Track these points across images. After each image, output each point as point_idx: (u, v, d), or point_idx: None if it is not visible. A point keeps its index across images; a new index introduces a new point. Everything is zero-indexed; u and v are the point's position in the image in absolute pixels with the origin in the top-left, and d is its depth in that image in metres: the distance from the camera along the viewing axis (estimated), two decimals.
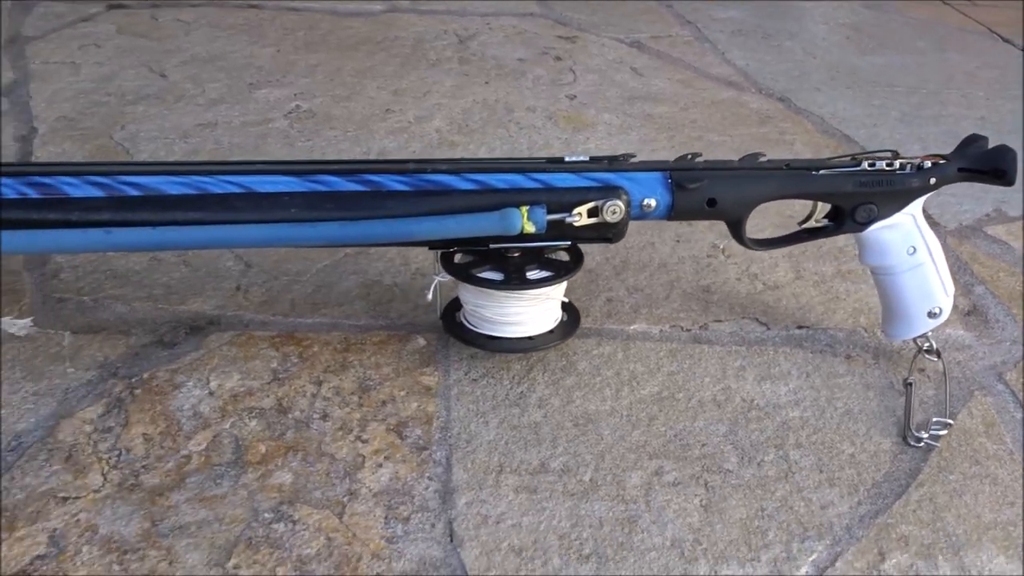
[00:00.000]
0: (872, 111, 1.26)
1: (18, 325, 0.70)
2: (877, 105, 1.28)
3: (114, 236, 0.60)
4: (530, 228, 0.62)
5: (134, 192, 0.62)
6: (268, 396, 0.65)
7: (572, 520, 0.57)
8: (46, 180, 0.62)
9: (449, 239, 0.64)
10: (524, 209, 0.62)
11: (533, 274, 0.66)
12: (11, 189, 0.62)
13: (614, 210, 0.63)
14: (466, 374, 0.68)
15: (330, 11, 1.50)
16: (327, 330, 0.72)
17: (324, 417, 0.63)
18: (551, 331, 0.69)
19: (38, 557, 0.51)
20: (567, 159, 0.66)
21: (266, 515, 0.55)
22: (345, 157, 1.00)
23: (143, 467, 0.58)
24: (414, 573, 0.53)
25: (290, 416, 0.63)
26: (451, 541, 0.55)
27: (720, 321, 0.78)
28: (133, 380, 0.65)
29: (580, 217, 0.63)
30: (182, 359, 0.68)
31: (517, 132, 1.10)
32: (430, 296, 0.68)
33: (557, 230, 0.64)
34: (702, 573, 0.54)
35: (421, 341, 0.71)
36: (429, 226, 0.62)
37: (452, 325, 0.70)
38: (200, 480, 0.57)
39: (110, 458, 0.58)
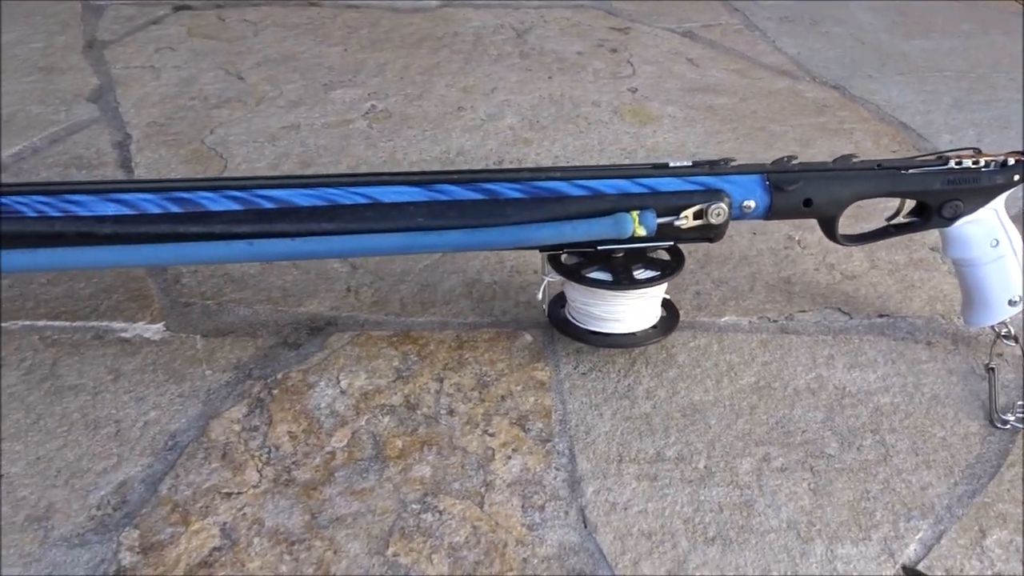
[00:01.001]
0: (925, 97, 1.28)
1: (152, 330, 0.74)
2: (929, 91, 1.30)
3: (256, 247, 0.64)
4: (641, 232, 0.65)
5: (269, 205, 0.66)
6: (396, 394, 0.68)
7: (693, 505, 0.61)
8: (186, 195, 0.66)
9: (563, 243, 0.68)
10: (635, 213, 0.65)
11: (640, 274, 0.69)
12: (155, 204, 0.66)
13: (718, 212, 0.67)
14: (575, 368, 0.72)
15: (389, 7, 1.52)
16: (438, 328, 0.76)
17: (450, 412, 0.67)
18: (654, 327, 0.72)
19: (215, 549, 0.56)
20: (671, 164, 0.69)
21: (413, 506, 0.59)
22: (426, 156, 1.03)
23: (293, 463, 0.62)
24: (556, 557, 0.56)
25: (419, 412, 0.67)
26: (585, 527, 0.59)
27: (804, 311, 0.81)
28: (268, 381, 0.69)
29: (687, 220, 0.67)
30: (310, 360, 0.72)
31: (587, 128, 1.13)
32: (540, 295, 0.72)
33: (663, 232, 0.67)
34: (819, 552, 0.58)
35: (528, 337, 0.75)
36: (548, 232, 0.65)
37: (558, 321, 0.74)
38: (347, 475, 0.61)
39: (261, 455, 0.63)
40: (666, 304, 0.75)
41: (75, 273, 0.79)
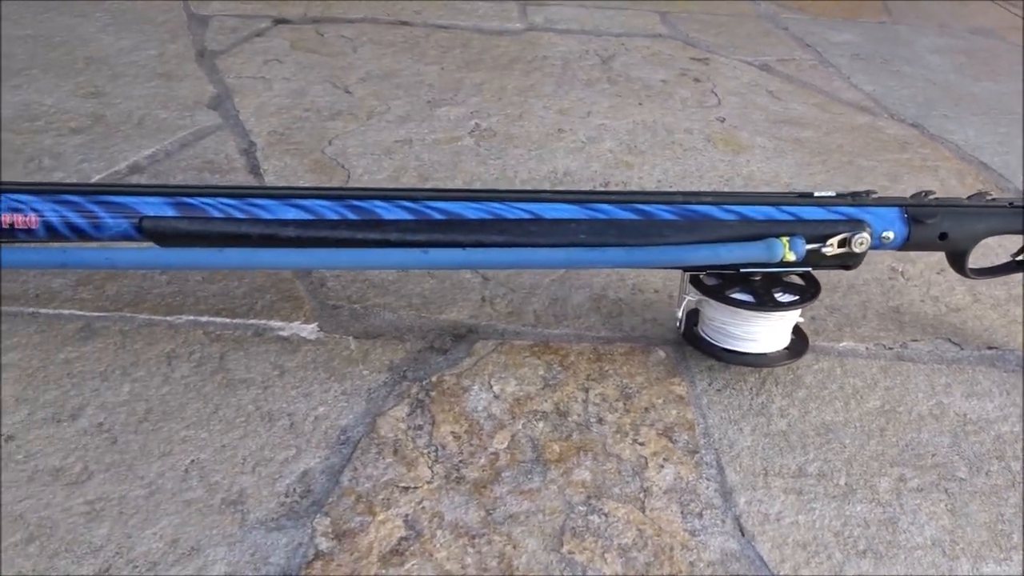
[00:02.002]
0: (1001, 138, 1.31)
1: (307, 330, 0.77)
2: (1004, 132, 1.33)
3: (431, 256, 0.67)
4: (791, 257, 0.68)
5: (439, 216, 0.69)
6: (546, 401, 0.71)
7: (841, 520, 0.63)
8: (361, 203, 0.69)
9: (715, 265, 0.71)
10: (785, 240, 0.68)
11: (781, 297, 0.72)
12: (332, 211, 0.69)
13: (862, 241, 0.69)
14: (709, 384, 0.75)
15: (475, 28, 1.56)
16: (575, 340, 0.79)
17: (600, 421, 0.70)
18: (786, 349, 0.75)
19: (403, 538, 0.58)
20: (816, 194, 0.72)
21: (580, 508, 0.62)
22: (535, 175, 1.06)
23: (460, 462, 0.65)
24: (719, 563, 0.59)
25: (570, 419, 0.70)
26: (742, 535, 0.61)
27: (917, 340, 0.83)
28: (424, 383, 0.72)
29: (832, 248, 0.70)
30: (459, 365, 0.74)
31: (683, 154, 1.16)
32: (680, 313, 0.74)
33: (807, 258, 0.70)
34: (966, 569, 0.60)
35: (661, 353, 0.78)
36: (704, 253, 0.68)
37: (693, 338, 0.76)
38: (513, 475, 0.64)
39: (430, 453, 0.65)
40: (795, 329, 0.77)
41: (228, 273, 0.82)
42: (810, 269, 0.73)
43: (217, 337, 0.75)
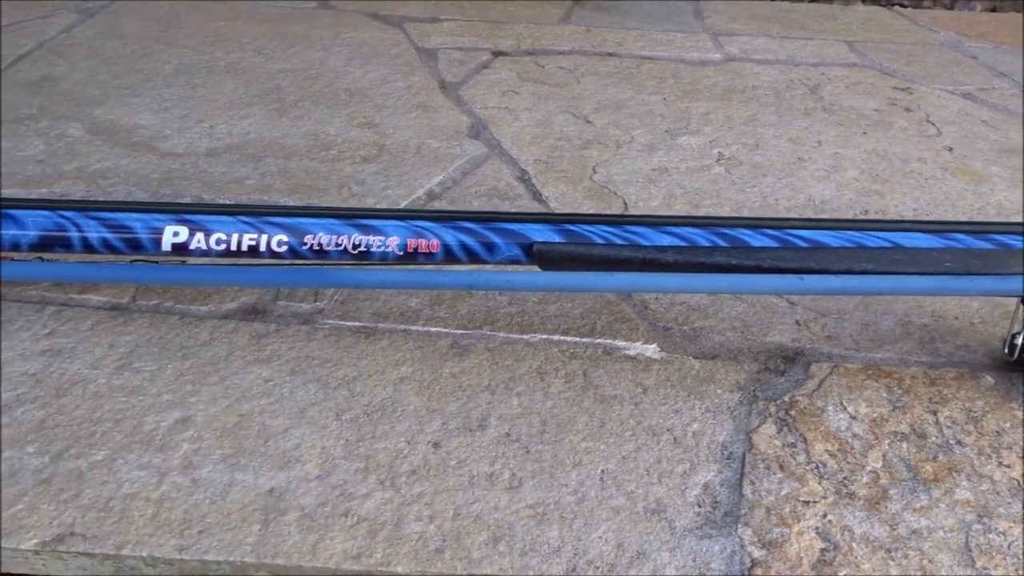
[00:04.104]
0: None
1: (650, 349, 0.81)
2: None
3: (806, 282, 0.70)
4: None
5: (803, 243, 0.72)
6: (901, 423, 0.73)
7: None
8: (728, 231, 0.73)
9: None
10: None
11: None
12: (703, 238, 0.73)
13: None
14: None
15: (678, 59, 1.59)
16: (901, 364, 0.80)
17: (959, 443, 0.71)
18: None
19: (823, 550, 0.61)
20: None
21: (975, 526, 0.64)
22: (795, 203, 1.09)
23: (844, 479, 0.67)
24: None
25: (929, 441, 0.71)
26: None
27: None
28: (778, 403, 0.75)
29: None
30: (803, 386, 0.77)
31: (926, 183, 1.17)
32: (1020, 341, 0.76)
33: None
34: None
35: (989, 379, 0.79)
36: None
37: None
38: (900, 492, 0.66)
39: (813, 469, 0.68)
40: None
41: (561, 295, 0.86)
42: None
43: (573, 355, 0.79)
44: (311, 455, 0.66)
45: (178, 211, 0.74)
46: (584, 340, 0.81)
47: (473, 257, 0.74)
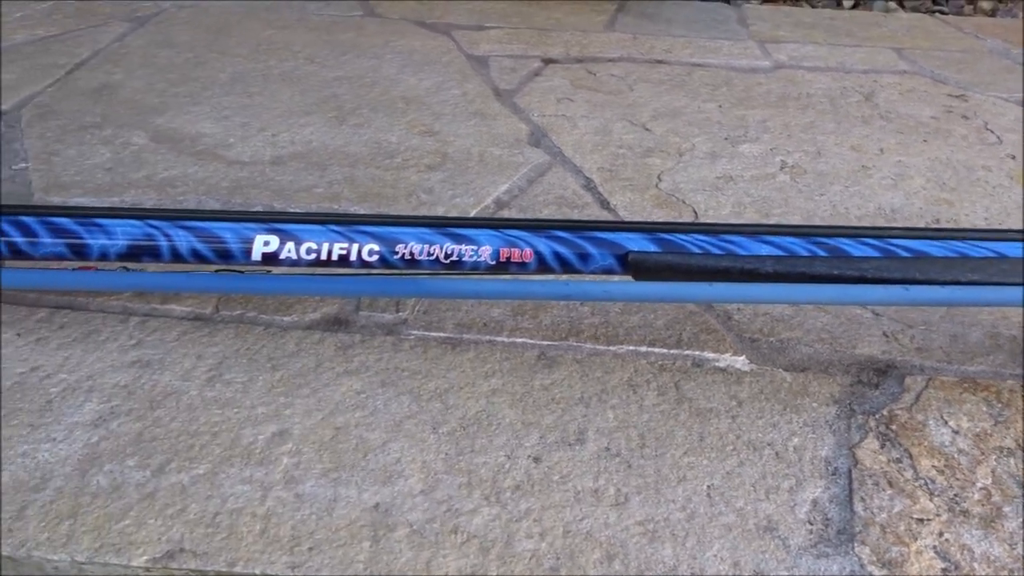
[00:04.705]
0: None
1: (739, 361, 0.79)
2: None
3: (912, 292, 0.68)
4: None
5: (905, 253, 0.70)
6: (1005, 437, 0.71)
7: None
8: (829, 240, 0.71)
9: None
10: None
11: None
12: (801, 247, 0.71)
13: None
14: None
15: (728, 66, 1.57)
16: (996, 377, 0.78)
17: None
18: None
19: (944, 570, 0.59)
20: None
21: None
22: (865, 212, 1.07)
23: (955, 496, 0.65)
24: None
25: None
26: None
27: None
28: (876, 416, 0.73)
29: None
30: (900, 400, 0.75)
31: (993, 191, 1.15)
32: None
33: None
34: None
35: None
36: None
37: None
38: (1015, 510, 0.64)
39: (923, 486, 0.66)
40: None
41: (643, 305, 0.85)
42: None
43: (662, 367, 0.77)
44: (412, 469, 0.64)
45: (268, 220, 0.73)
46: (672, 352, 0.79)
47: (566, 267, 0.73)
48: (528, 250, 0.72)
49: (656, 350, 0.80)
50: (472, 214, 1.02)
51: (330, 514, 0.60)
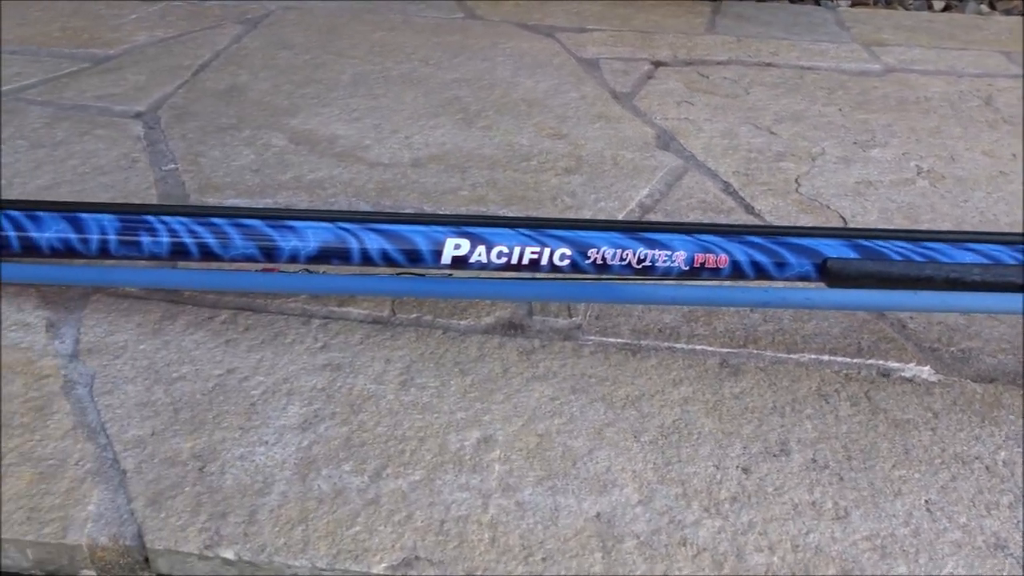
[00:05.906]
0: None
1: (925, 371, 0.76)
2: None
3: None
4: None
5: None
6: None
7: None
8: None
9: None
10: None
11: None
12: (1007, 255, 0.68)
13: None
14: None
15: (838, 70, 1.54)
16: None
17: None
18: None
19: None
20: None
21: None
22: (1016, 219, 1.03)
23: None
24: None
25: None
26: None
27: None
28: None
29: None
30: None
31: None
32: None
33: None
34: None
35: None
36: None
37: None
38: None
39: None
40: None
41: (815, 312, 0.82)
42: None
43: (848, 376, 0.75)
44: (625, 479, 0.63)
45: (458, 223, 0.72)
46: (855, 361, 0.77)
47: (761, 273, 0.71)
48: (723, 256, 0.70)
49: (839, 359, 0.78)
50: (619, 218, 1.00)
51: (555, 523, 0.59)
